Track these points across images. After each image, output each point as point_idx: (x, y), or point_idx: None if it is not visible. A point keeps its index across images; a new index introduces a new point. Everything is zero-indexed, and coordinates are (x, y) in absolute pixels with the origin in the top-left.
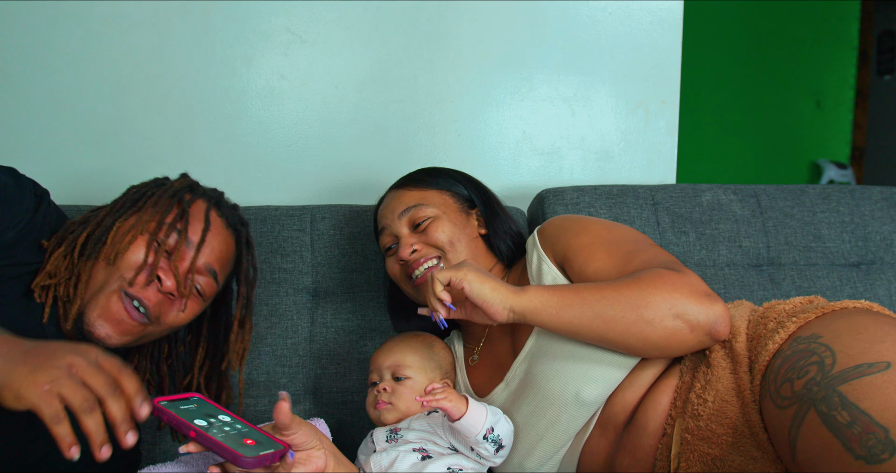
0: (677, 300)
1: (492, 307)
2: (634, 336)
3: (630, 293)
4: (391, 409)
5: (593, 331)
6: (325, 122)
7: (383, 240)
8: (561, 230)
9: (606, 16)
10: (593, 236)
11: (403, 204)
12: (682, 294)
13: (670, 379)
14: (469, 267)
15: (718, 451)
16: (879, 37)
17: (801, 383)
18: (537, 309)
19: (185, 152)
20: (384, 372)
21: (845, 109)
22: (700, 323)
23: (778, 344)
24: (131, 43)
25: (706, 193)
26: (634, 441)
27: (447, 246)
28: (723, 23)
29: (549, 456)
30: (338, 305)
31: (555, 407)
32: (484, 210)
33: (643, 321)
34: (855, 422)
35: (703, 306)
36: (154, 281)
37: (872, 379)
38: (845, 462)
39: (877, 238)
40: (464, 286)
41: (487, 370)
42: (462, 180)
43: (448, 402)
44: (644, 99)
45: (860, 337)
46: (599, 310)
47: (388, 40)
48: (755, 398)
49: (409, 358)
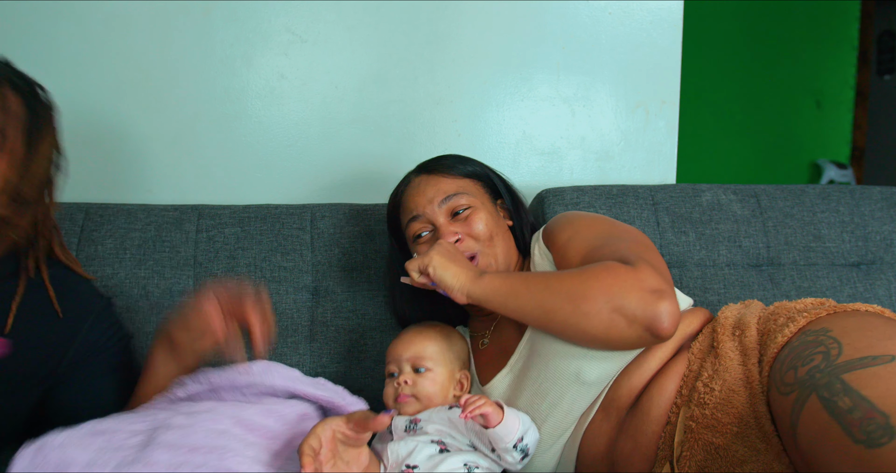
0: (616, 293)
1: (452, 291)
2: (573, 327)
3: (572, 284)
4: (413, 402)
5: (536, 320)
6: (325, 122)
7: (414, 227)
8: (555, 225)
9: (606, 16)
10: (573, 231)
11: (443, 191)
12: (622, 287)
13: (678, 365)
14: (436, 252)
15: (722, 440)
16: (879, 37)
17: (804, 370)
18: (488, 296)
19: (185, 152)
20: (404, 364)
21: (845, 109)
22: (637, 318)
23: (787, 336)
24: (131, 43)
25: (706, 193)
26: (637, 426)
27: (486, 239)
28: (723, 23)
29: (554, 440)
30: (338, 304)
31: (557, 388)
32: (508, 200)
33: (580, 312)
34: (856, 408)
35: (643, 301)
36: None
37: (876, 369)
38: (845, 446)
39: (877, 238)
40: (429, 271)
41: (493, 355)
42: (485, 168)
43: (489, 407)
44: (644, 99)
45: (869, 333)
46: (541, 300)
47: (388, 40)
48: (763, 389)
49: (430, 350)
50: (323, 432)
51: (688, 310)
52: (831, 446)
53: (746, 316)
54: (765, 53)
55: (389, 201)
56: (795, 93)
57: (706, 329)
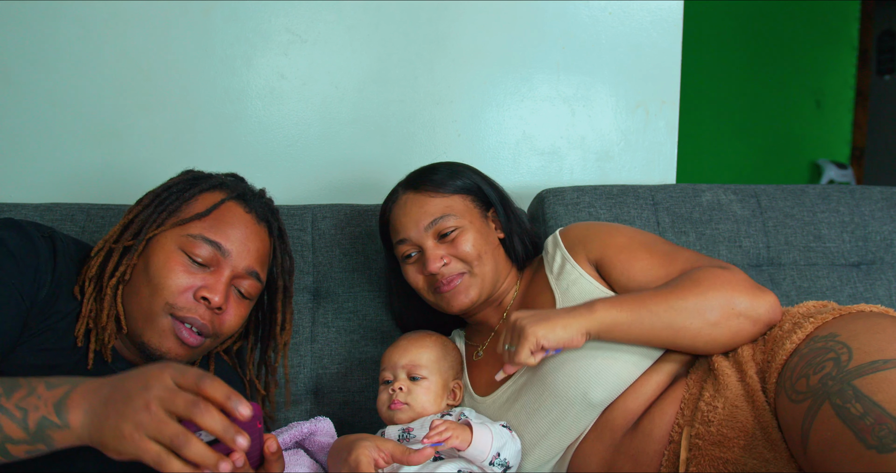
0: (736, 299)
1: (571, 343)
2: (703, 339)
3: (694, 299)
4: (406, 410)
5: (663, 340)
6: (325, 122)
7: (402, 249)
8: (593, 232)
9: (606, 16)
10: (628, 237)
11: (428, 214)
12: (738, 292)
13: (677, 391)
14: (527, 323)
15: (731, 454)
16: (879, 37)
17: (816, 378)
18: (610, 328)
19: (185, 152)
20: (399, 371)
21: (845, 109)
22: (760, 317)
23: (795, 343)
24: (131, 43)
25: (706, 193)
26: (638, 447)
27: (475, 259)
28: (723, 23)
29: (549, 458)
30: (339, 305)
31: (560, 405)
32: (500, 210)
33: (710, 325)
34: (868, 414)
35: (758, 300)
36: (201, 300)
37: (887, 374)
38: (857, 452)
39: (877, 238)
40: (543, 343)
41: (489, 368)
42: (476, 178)
43: (455, 439)
44: (644, 99)
45: (878, 336)
46: (668, 320)
47: (388, 40)
48: (768, 398)
49: (425, 358)
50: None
51: None
52: (844, 452)
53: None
54: (765, 53)
55: (379, 214)
56: (795, 93)
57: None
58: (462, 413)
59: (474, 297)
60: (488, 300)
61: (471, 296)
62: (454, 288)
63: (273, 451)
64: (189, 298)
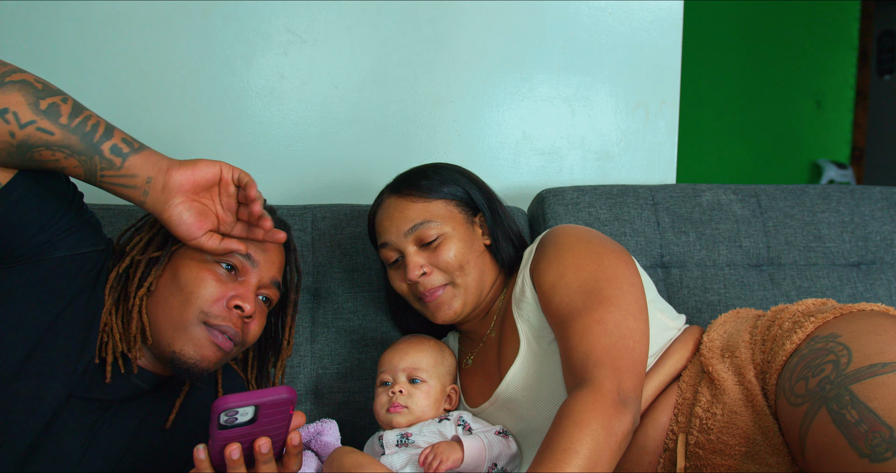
0: (610, 433)
1: None
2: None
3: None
4: (406, 413)
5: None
6: (325, 122)
7: (386, 254)
8: (543, 257)
9: (606, 16)
10: (558, 275)
11: (409, 220)
12: (607, 425)
13: (669, 397)
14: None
15: (732, 462)
16: (879, 37)
17: (815, 381)
18: None
19: (186, 152)
20: (398, 373)
21: (845, 109)
22: (629, 431)
23: (795, 343)
24: (131, 43)
25: (706, 193)
26: (632, 459)
27: (456, 270)
28: (723, 23)
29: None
30: (339, 305)
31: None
32: (488, 215)
33: (604, 462)
34: (863, 421)
35: (624, 419)
36: (234, 308)
37: (885, 378)
38: (850, 460)
39: (877, 238)
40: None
41: (479, 379)
42: (463, 182)
43: (448, 462)
44: (644, 99)
45: (879, 337)
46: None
47: (388, 40)
48: (769, 400)
49: (425, 362)
50: None
51: (677, 340)
52: (837, 459)
53: (734, 336)
54: (765, 53)
55: (368, 217)
56: (795, 93)
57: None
58: (461, 418)
59: (458, 309)
60: (475, 310)
61: (454, 308)
62: (437, 300)
63: (295, 444)
64: (222, 307)
